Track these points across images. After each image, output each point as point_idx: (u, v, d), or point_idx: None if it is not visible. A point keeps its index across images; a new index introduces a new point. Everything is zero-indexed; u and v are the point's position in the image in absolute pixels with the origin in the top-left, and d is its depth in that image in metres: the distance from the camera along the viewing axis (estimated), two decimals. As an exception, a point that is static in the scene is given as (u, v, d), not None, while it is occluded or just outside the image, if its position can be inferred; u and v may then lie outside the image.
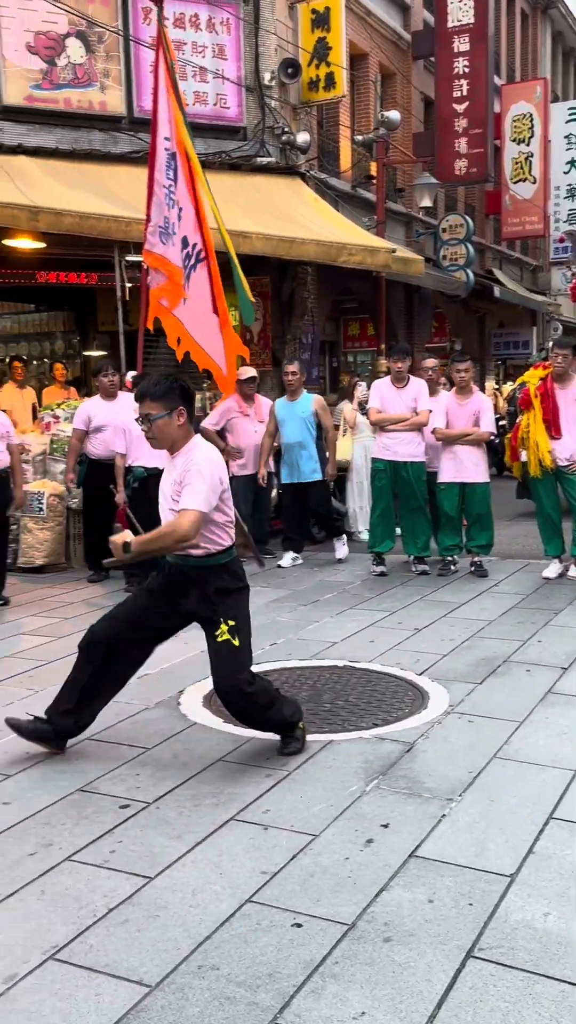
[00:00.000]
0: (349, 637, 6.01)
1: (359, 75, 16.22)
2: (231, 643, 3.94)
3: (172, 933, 2.77)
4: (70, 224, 9.49)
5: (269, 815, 3.51)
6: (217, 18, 12.35)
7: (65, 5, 11.26)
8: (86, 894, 3.00)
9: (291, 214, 11.97)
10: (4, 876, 3.12)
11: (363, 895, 2.94)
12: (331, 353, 17.41)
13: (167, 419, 3.90)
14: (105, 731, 4.41)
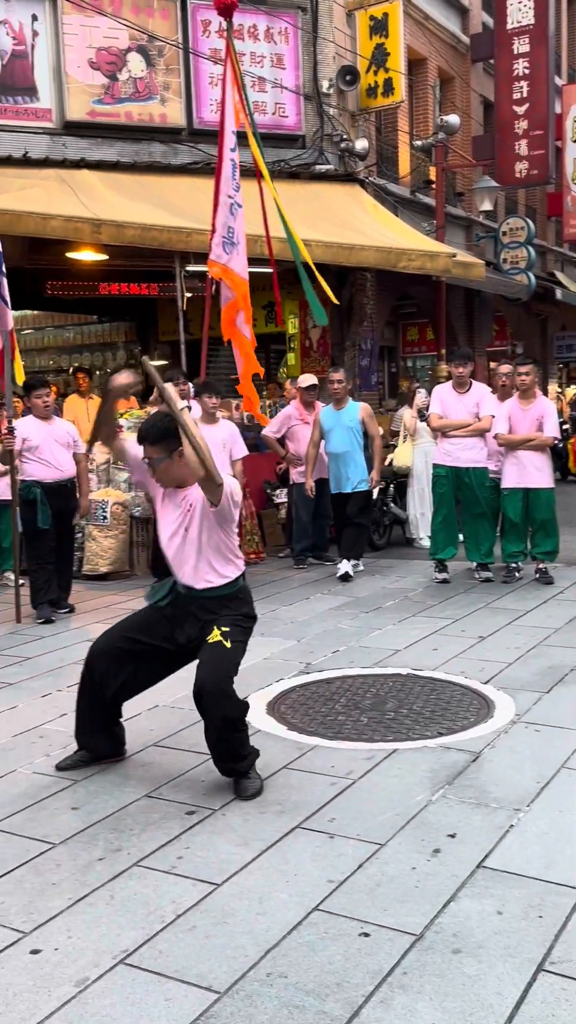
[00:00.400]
0: (412, 645, 5.98)
1: (418, 80, 16.18)
2: (222, 644, 3.80)
3: (240, 940, 2.78)
4: (132, 236, 9.63)
5: (334, 823, 3.51)
6: (275, 28, 12.42)
7: (126, 21, 11.44)
8: (154, 899, 3.03)
9: (350, 221, 11.97)
10: (75, 880, 3.16)
11: (431, 905, 2.92)
12: (390, 358, 17.36)
13: (168, 462, 3.89)
14: (169, 738, 4.45)
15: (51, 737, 4.53)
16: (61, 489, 7.21)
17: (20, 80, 11.30)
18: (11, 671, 5.74)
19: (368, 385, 14.12)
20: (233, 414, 10.09)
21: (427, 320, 16.55)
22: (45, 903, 3.03)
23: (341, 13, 13.15)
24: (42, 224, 9.32)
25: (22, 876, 3.21)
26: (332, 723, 4.58)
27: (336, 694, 5.03)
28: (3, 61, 11.19)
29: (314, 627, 6.55)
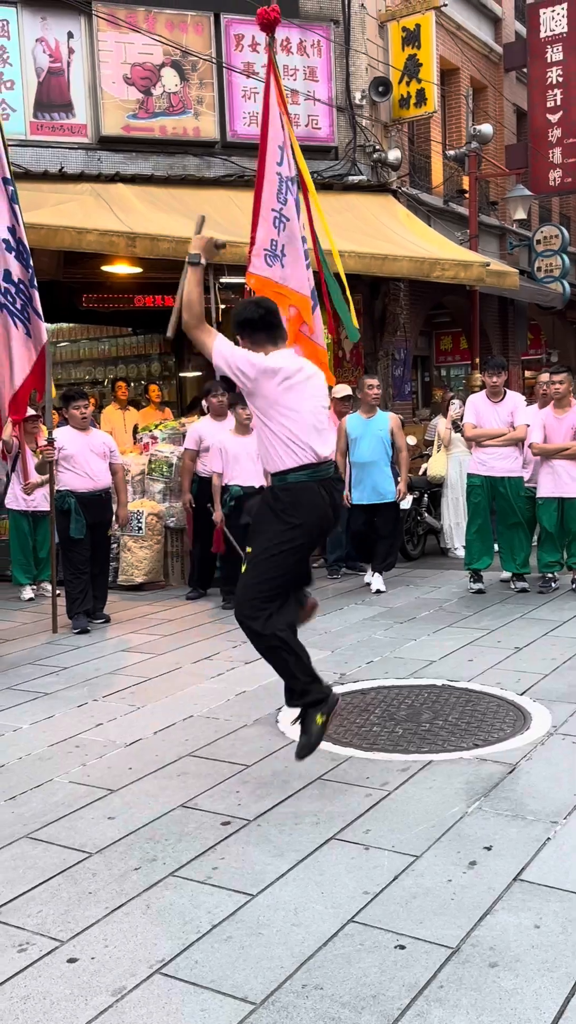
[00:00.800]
0: (447, 655, 5.95)
1: (450, 90, 16.17)
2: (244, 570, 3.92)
3: (275, 951, 2.78)
4: (166, 249, 9.70)
5: (370, 835, 3.50)
6: (308, 41, 12.48)
7: (161, 37, 11.56)
8: (190, 910, 3.03)
9: (383, 231, 11.98)
10: (111, 890, 3.18)
11: (467, 918, 2.90)
12: (424, 368, 17.32)
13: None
14: (205, 748, 4.46)
15: (87, 747, 4.56)
16: (96, 499, 7.27)
17: (56, 97, 11.46)
18: (47, 681, 5.79)
19: (401, 395, 14.10)
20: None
21: (461, 329, 16.50)
22: (82, 912, 3.05)
23: (374, 25, 13.19)
24: (77, 238, 9.43)
25: (59, 885, 3.23)
26: (367, 734, 4.57)
27: (371, 705, 5.02)
28: (40, 79, 11.35)
29: (348, 637, 6.54)
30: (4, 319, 7.13)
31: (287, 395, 3.91)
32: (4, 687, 5.70)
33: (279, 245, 7.77)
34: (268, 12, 7.71)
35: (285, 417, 3.91)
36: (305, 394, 3.96)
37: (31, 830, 3.67)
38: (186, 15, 11.83)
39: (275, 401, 3.90)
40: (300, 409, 3.93)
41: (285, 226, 7.74)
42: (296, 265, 7.63)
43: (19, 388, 7.26)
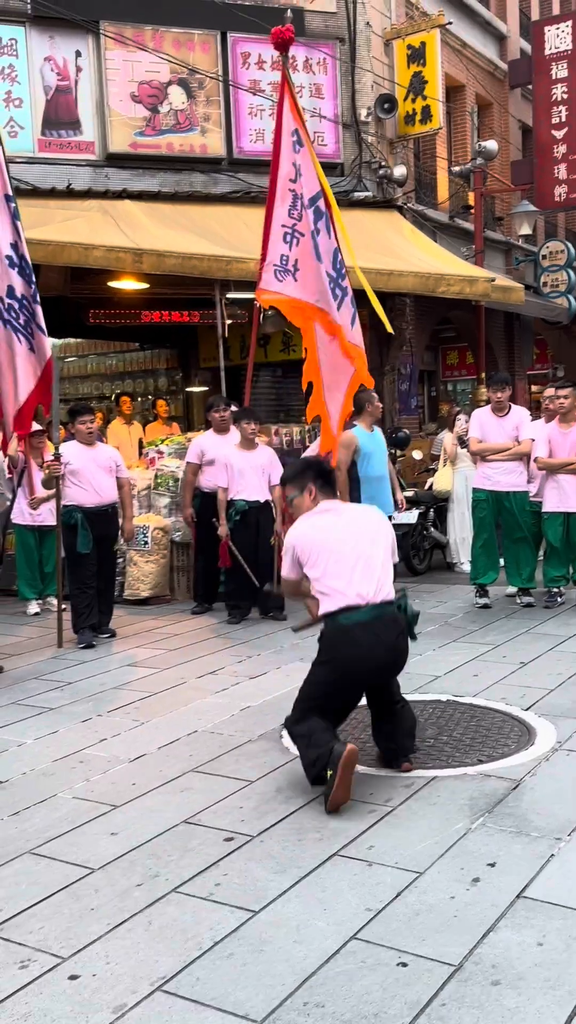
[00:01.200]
0: (452, 671, 5.94)
1: (455, 106, 16.27)
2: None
3: (277, 968, 2.77)
4: (173, 265, 9.76)
5: (373, 851, 3.48)
6: (314, 59, 12.57)
7: (168, 55, 11.66)
8: (192, 926, 3.03)
9: (389, 247, 12.03)
10: (113, 906, 3.17)
11: (470, 936, 2.89)
12: (430, 382, 17.36)
13: (300, 498, 4.41)
14: (208, 763, 4.46)
15: (91, 762, 4.56)
16: (102, 514, 7.29)
17: (64, 114, 11.56)
18: (52, 696, 5.79)
19: (408, 409, 14.13)
20: (272, 439, 10.14)
21: (467, 344, 16.54)
22: (84, 928, 3.04)
23: (379, 43, 13.28)
24: (84, 254, 9.49)
25: (61, 901, 3.23)
26: (372, 750, 4.55)
27: (375, 720, 5.01)
28: (48, 96, 11.46)
29: (353, 652, 6.52)
30: (8, 335, 7.18)
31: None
32: (9, 702, 5.71)
33: (290, 260, 7.82)
34: (283, 31, 7.79)
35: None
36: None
37: (34, 846, 3.66)
38: (193, 34, 11.94)
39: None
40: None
41: (299, 241, 7.80)
42: (312, 279, 7.68)
43: (24, 403, 7.30)
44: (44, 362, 7.24)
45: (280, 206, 7.84)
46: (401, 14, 13.88)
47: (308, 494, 4.37)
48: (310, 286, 7.80)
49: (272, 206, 7.89)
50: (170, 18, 11.81)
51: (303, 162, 7.64)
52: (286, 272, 7.92)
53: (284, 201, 7.83)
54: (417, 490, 10.11)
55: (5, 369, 7.25)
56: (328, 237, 7.61)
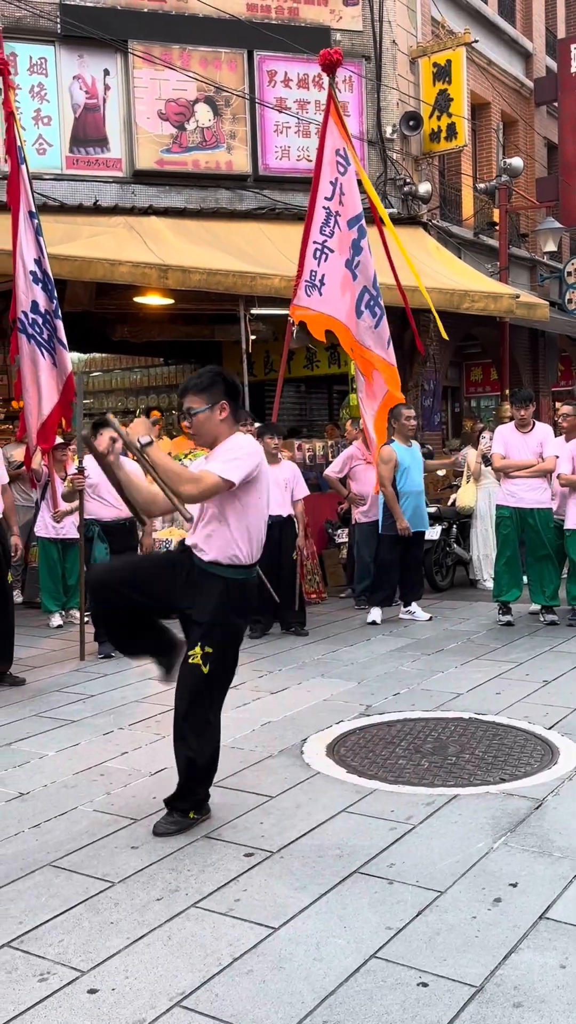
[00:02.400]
0: (475, 688, 5.90)
1: (481, 124, 16.30)
2: (200, 669, 3.82)
3: (296, 986, 2.75)
4: (198, 281, 9.82)
5: (394, 869, 3.46)
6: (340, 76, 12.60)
7: (195, 73, 11.77)
8: (211, 942, 3.02)
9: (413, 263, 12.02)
10: (132, 920, 3.17)
11: (491, 956, 2.86)
12: (453, 399, 17.33)
13: (208, 413, 3.81)
14: (229, 778, 4.45)
15: (112, 775, 4.56)
16: (120, 528, 7.30)
17: (92, 132, 11.68)
18: (74, 708, 5.81)
19: (431, 425, 14.11)
20: (295, 455, 10.15)
21: (491, 360, 16.51)
22: (103, 942, 3.04)
23: (405, 61, 13.34)
24: (110, 270, 9.57)
25: (81, 914, 3.23)
26: (392, 767, 4.54)
27: (397, 737, 4.99)
28: (76, 114, 11.59)
29: (375, 669, 6.51)
30: (32, 350, 7.25)
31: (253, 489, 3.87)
32: (31, 714, 5.73)
33: (318, 275, 8.00)
34: (331, 54, 8.01)
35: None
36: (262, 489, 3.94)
37: (55, 858, 3.67)
38: (220, 52, 12.04)
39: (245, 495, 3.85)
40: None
41: (327, 258, 7.97)
42: (338, 295, 7.86)
43: (47, 417, 7.36)
44: (65, 376, 7.31)
45: (315, 223, 8.03)
46: (427, 32, 13.94)
47: (220, 411, 3.84)
48: (334, 302, 7.91)
49: (310, 224, 8.07)
50: (198, 37, 11.93)
51: (347, 181, 7.79)
52: (313, 287, 8.07)
53: (318, 218, 8.01)
54: (440, 506, 10.07)
55: (29, 384, 7.32)
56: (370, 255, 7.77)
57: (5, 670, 6.44)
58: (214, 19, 11.80)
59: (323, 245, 8.10)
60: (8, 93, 7.36)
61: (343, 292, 8.05)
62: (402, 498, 8.12)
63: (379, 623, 8.03)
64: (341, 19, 12.69)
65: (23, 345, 7.31)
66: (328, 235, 8.06)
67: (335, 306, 8.12)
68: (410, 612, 8.24)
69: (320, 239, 8.07)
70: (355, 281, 8.03)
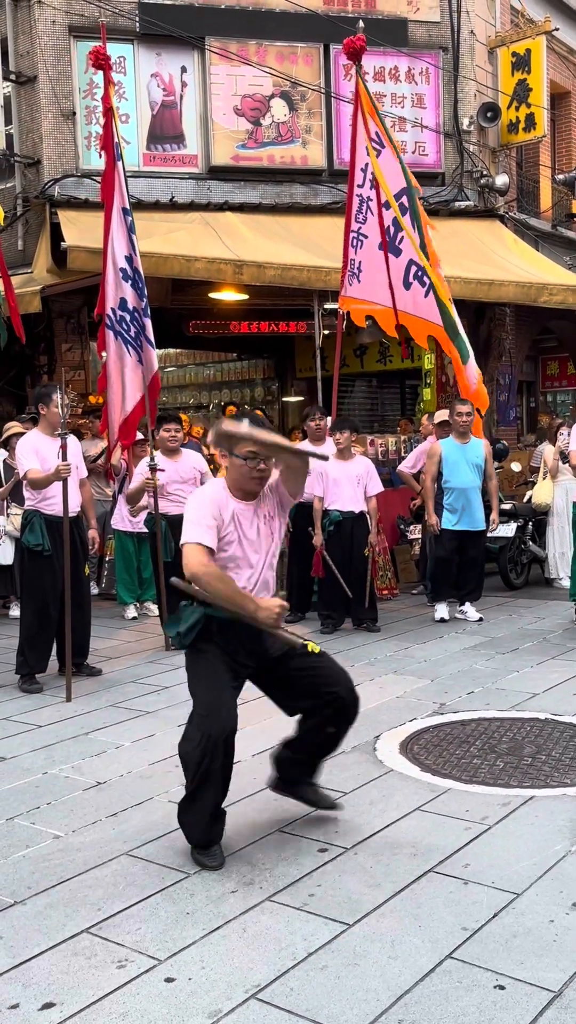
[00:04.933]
0: (551, 688, 5.81)
1: (560, 114, 15.99)
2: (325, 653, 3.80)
3: (371, 983, 2.75)
4: (272, 276, 9.85)
5: (469, 869, 3.43)
6: (416, 68, 12.54)
7: (271, 68, 11.78)
8: (286, 936, 3.03)
9: (490, 256, 11.89)
10: (208, 911, 3.20)
11: (570, 961, 2.82)
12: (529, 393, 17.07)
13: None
14: (303, 773, 4.45)
15: (187, 767, 4.60)
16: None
17: (169, 129, 11.79)
18: (149, 699, 5.88)
19: (506, 420, 13.93)
20: (368, 450, 10.11)
21: (568, 354, 16.21)
22: (180, 932, 3.08)
23: (483, 51, 13.16)
24: (186, 266, 9.65)
25: (158, 904, 3.27)
26: (467, 766, 4.50)
27: (471, 736, 4.94)
28: (154, 112, 11.70)
29: (448, 666, 6.46)
30: (119, 346, 7.33)
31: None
32: (107, 704, 5.82)
33: (356, 263, 8.08)
34: (354, 41, 7.93)
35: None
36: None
37: (131, 847, 3.72)
38: (296, 47, 12.04)
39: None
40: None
41: (363, 244, 8.03)
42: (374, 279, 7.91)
43: (130, 413, 7.43)
44: (151, 374, 7.35)
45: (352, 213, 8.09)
46: (506, 21, 13.73)
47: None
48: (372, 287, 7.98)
49: (349, 215, 8.10)
50: (274, 32, 11.93)
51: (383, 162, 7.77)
52: (353, 276, 8.17)
53: (353, 208, 8.06)
54: (515, 503, 9.93)
55: (114, 380, 7.40)
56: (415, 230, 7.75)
57: (82, 661, 6.56)
58: (291, 13, 11.80)
59: (359, 233, 8.19)
60: (108, 89, 7.44)
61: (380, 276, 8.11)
62: (448, 495, 8.00)
63: (447, 619, 7.95)
64: (419, 10, 12.58)
65: (110, 341, 7.38)
66: (362, 222, 8.14)
67: (373, 291, 8.18)
68: (462, 612, 8.14)
69: (356, 227, 8.17)
70: (399, 257, 8.01)
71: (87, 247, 9.25)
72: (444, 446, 8.09)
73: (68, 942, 3.05)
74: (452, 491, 8.02)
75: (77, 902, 3.31)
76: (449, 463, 8.03)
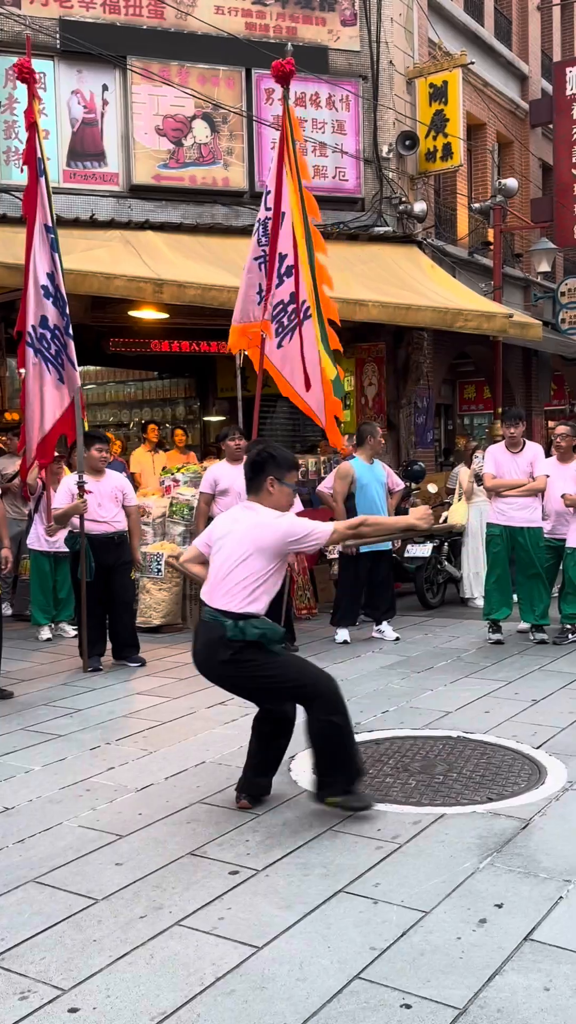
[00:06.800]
0: (463, 707, 5.89)
1: (476, 144, 16.40)
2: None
3: (278, 1007, 2.73)
4: (193, 296, 9.84)
5: (379, 889, 3.45)
6: (337, 96, 12.73)
7: (192, 90, 11.83)
8: (194, 961, 2.99)
9: (408, 281, 12.09)
10: (115, 938, 3.15)
11: (475, 978, 2.85)
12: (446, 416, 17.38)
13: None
14: (216, 795, 4.43)
15: (98, 791, 4.54)
16: (108, 542, 7.27)
17: (90, 146, 11.72)
18: (61, 722, 5.78)
19: (424, 443, 14.13)
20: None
21: (484, 379, 16.57)
22: (85, 960, 3.02)
23: (401, 81, 13.44)
24: (106, 284, 9.58)
25: (63, 932, 3.20)
26: (380, 785, 4.53)
27: (385, 755, 4.98)
28: (74, 128, 11.63)
29: (364, 686, 6.50)
30: (38, 364, 7.23)
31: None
32: (18, 727, 5.70)
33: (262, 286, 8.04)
34: (283, 64, 7.93)
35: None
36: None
37: (38, 874, 3.64)
38: (218, 70, 12.11)
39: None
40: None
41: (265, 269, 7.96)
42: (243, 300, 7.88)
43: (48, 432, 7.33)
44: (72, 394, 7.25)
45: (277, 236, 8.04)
46: (424, 53, 14.05)
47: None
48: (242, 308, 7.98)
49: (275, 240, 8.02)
50: (196, 54, 11.99)
51: (273, 187, 7.77)
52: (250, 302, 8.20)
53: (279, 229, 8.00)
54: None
55: (33, 398, 7.28)
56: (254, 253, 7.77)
57: (-7, 683, 6.41)
58: (213, 37, 11.88)
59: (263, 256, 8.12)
60: (32, 103, 7.35)
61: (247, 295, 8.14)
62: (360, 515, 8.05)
63: (349, 642, 8.01)
64: (339, 39, 12.79)
65: (29, 358, 7.28)
66: (265, 244, 8.08)
67: (240, 312, 8.18)
68: (380, 631, 8.22)
69: (259, 253, 8.09)
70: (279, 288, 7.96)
71: (5, 263, 9.12)
72: (356, 467, 8.18)
73: (-31, 974, 2.96)
74: (364, 512, 8.04)
75: (-20, 932, 3.22)
76: (361, 484, 8.12)
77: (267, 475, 4.24)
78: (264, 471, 4.25)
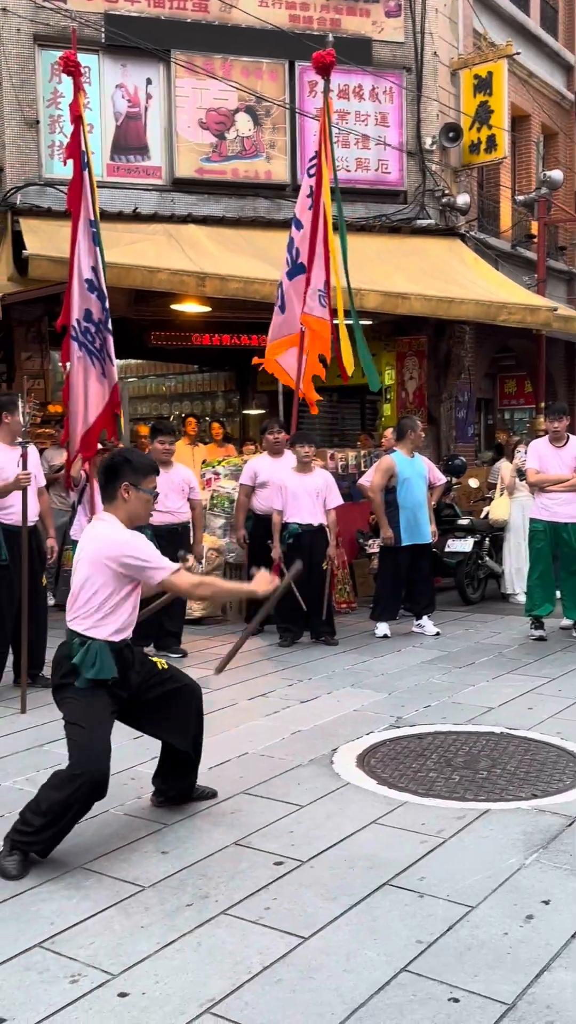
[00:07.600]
0: (506, 703, 5.86)
1: (521, 136, 16.25)
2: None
3: (326, 996, 2.75)
4: (235, 289, 9.86)
5: (424, 882, 3.44)
6: (380, 87, 12.66)
7: (236, 83, 11.84)
8: (241, 950, 3.02)
9: (450, 274, 12.02)
10: (163, 925, 3.18)
11: (523, 974, 2.84)
12: (487, 410, 17.25)
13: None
14: (258, 786, 4.45)
15: (143, 779, 4.57)
16: (172, 532, 7.33)
17: (133, 140, 11.78)
18: (105, 712, 5.82)
19: (464, 437, 14.05)
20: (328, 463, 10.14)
21: (526, 373, 16.42)
22: (134, 946, 3.05)
23: (445, 72, 13.34)
24: (149, 277, 9.63)
25: (111, 917, 3.24)
26: (423, 779, 4.52)
27: (428, 750, 4.97)
28: (118, 122, 11.69)
29: (406, 680, 6.49)
30: (83, 357, 7.27)
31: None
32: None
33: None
34: (324, 56, 7.90)
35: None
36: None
37: (85, 861, 3.69)
38: (262, 63, 12.11)
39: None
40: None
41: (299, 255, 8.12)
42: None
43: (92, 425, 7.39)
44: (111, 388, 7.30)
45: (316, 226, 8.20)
46: (468, 44, 13.93)
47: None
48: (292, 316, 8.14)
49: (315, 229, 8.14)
50: (240, 47, 11.99)
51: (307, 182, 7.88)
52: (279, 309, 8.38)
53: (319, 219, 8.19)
54: (473, 518, 10.02)
55: (78, 392, 7.33)
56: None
57: (38, 673, 6.48)
58: (257, 29, 11.87)
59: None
60: (78, 96, 7.39)
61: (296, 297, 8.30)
62: (402, 510, 8.06)
63: (389, 637, 7.99)
64: (383, 31, 12.72)
65: (74, 352, 7.33)
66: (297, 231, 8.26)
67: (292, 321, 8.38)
68: (420, 626, 8.20)
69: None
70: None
71: (49, 256, 9.20)
72: (398, 461, 8.13)
73: (20, 957, 3.01)
74: (406, 508, 8.07)
75: (30, 916, 3.26)
76: (403, 479, 8.08)
77: (121, 481, 3.92)
78: (118, 477, 3.92)
